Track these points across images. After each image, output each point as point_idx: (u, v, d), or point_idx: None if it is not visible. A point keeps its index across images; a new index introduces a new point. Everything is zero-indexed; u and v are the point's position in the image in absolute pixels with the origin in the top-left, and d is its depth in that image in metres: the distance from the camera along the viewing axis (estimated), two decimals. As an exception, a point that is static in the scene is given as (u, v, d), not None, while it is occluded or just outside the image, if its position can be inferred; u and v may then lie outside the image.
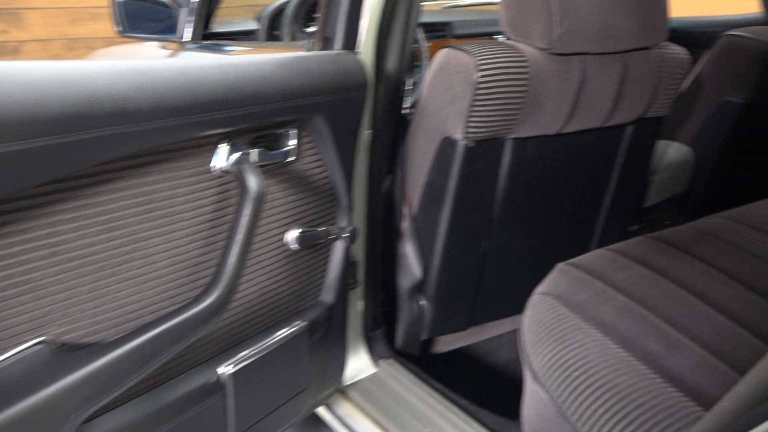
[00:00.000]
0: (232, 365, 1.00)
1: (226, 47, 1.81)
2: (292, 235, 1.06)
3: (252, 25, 2.22)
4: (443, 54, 1.21)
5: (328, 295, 1.19)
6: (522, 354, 1.08)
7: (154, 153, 0.82)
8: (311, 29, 1.14)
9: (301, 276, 1.12)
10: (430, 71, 1.24)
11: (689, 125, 1.76)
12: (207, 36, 2.02)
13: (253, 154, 0.93)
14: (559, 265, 1.20)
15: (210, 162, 0.90)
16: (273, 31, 2.11)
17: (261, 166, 0.96)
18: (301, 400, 1.18)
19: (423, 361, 1.47)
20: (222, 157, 0.90)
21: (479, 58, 1.14)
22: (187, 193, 0.88)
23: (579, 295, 1.10)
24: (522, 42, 1.20)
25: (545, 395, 0.98)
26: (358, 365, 1.39)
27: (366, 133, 1.24)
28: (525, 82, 1.16)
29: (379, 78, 1.23)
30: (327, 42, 1.13)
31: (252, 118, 0.90)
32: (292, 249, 1.08)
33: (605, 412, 0.89)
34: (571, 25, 1.13)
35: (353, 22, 1.14)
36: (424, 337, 1.41)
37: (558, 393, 0.95)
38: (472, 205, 1.29)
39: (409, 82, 1.83)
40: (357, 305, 1.35)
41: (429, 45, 1.95)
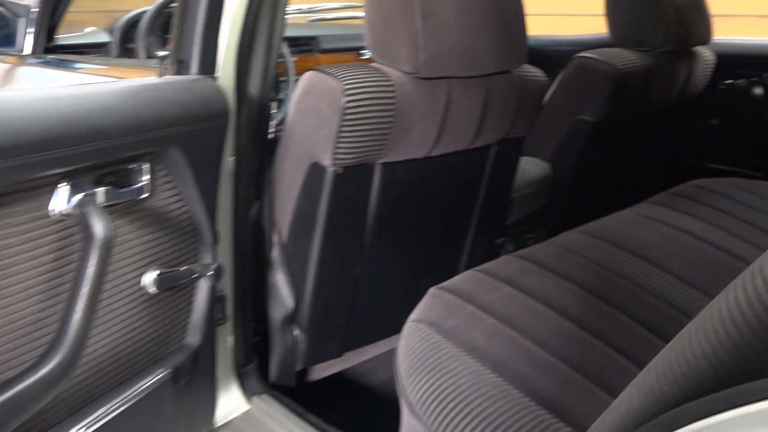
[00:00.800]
0: (85, 427, 0.91)
1: (73, 63, 1.66)
2: (149, 279, 0.97)
3: (103, 37, 2.07)
4: (309, 77, 1.17)
5: (193, 337, 1.12)
6: (398, 386, 1.07)
7: None
8: (162, 53, 1.06)
9: (163, 320, 1.04)
10: (295, 94, 1.20)
11: (547, 142, 1.84)
12: (51, 49, 1.86)
13: (99, 193, 0.85)
14: (432, 290, 1.20)
15: (48, 205, 0.80)
16: (126, 44, 1.97)
17: (109, 206, 0.88)
18: (168, 450, 1.09)
19: (298, 392, 1.42)
20: (62, 200, 0.81)
21: (346, 82, 1.12)
22: (22, 242, 0.78)
23: (451, 321, 1.10)
24: (388, 65, 1.19)
25: (422, 429, 0.97)
26: (229, 404, 1.31)
27: (229, 160, 1.18)
28: (392, 106, 1.15)
29: (242, 102, 1.17)
30: (182, 66, 1.06)
31: (95, 155, 0.81)
32: (150, 293, 0.99)
33: None
34: (436, 50, 1.14)
35: (210, 43, 1.07)
36: (299, 368, 1.37)
37: (435, 426, 0.95)
38: (343, 232, 1.26)
39: (275, 104, 1.78)
40: (227, 341, 1.28)
41: (295, 59, 1.92)
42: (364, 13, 2.29)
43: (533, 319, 1.10)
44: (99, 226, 0.80)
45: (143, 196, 0.94)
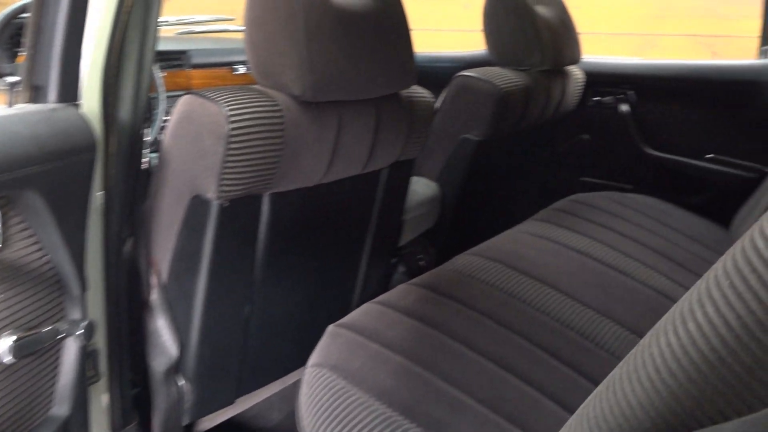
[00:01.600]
0: None
1: None
2: (3, 346, 0.82)
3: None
4: (187, 102, 1.06)
5: (61, 406, 0.96)
6: None
7: None
8: (12, 79, 0.90)
9: (23, 392, 0.89)
10: (172, 121, 1.08)
11: (434, 161, 1.83)
12: None
13: None
14: (330, 328, 1.13)
15: None
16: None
17: (-50, 266, 0.72)
18: None
19: (185, 447, 1.29)
20: None
21: (229, 107, 1.02)
22: None
23: (355, 362, 1.03)
24: (273, 88, 1.10)
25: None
26: (107, 472, 1.16)
27: (98, 195, 1.03)
28: (281, 133, 1.06)
29: (111, 131, 1.03)
30: (37, 92, 0.91)
31: None
32: (5, 363, 0.84)
33: None
34: (324, 72, 1.07)
35: (71, 65, 0.94)
36: (186, 422, 1.23)
37: None
38: (231, 269, 1.15)
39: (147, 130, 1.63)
40: (101, 401, 1.13)
41: (163, 75, 1.77)
42: (237, 27, 2.20)
43: (440, 354, 1.06)
44: None
45: None
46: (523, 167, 2.18)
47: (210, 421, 1.39)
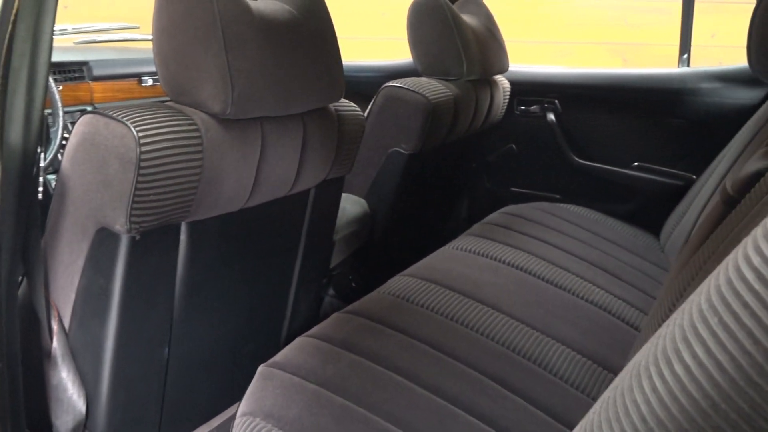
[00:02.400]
0: None
1: None
2: None
3: None
4: (88, 122, 0.92)
5: None
6: None
7: None
8: None
9: None
10: (71, 143, 0.94)
11: (363, 176, 1.74)
12: None
13: None
14: (262, 369, 1.02)
15: None
16: None
17: None
18: None
19: None
20: None
21: (140, 128, 0.89)
22: None
23: (292, 409, 0.93)
24: (189, 106, 0.98)
25: None
26: None
27: None
28: (199, 155, 0.95)
29: None
30: None
31: None
32: None
33: None
34: (247, 87, 0.96)
35: None
36: (97, 485, 1.09)
37: None
38: (145, 309, 1.02)
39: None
40: (-7, 471, 0.97)
41: (61, 89, 1.61)
42: (143, 36, 2.05)
43: (383, 392, 0.97)
44: None
45: None
46: (453, 179, 2.14)
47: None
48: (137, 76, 1.90)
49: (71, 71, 1.74)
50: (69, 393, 1.02)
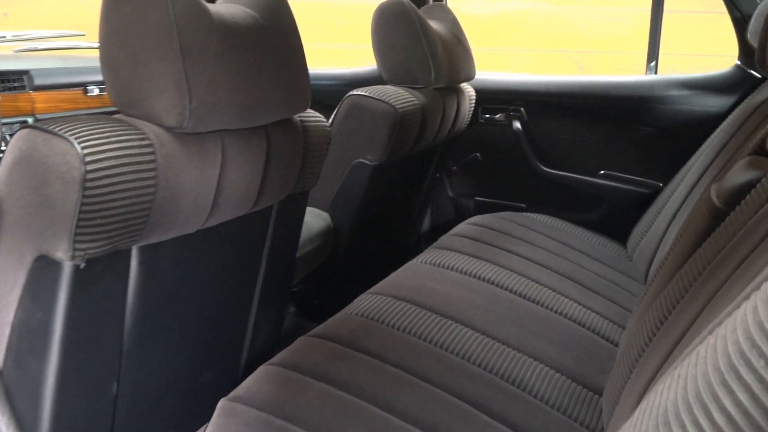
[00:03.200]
0: None
1: None
2: None
3: None
4: (24, 138, 0.82)
5: None
6: None
7: None
8: None
9: None
10: (5, 161, 0.84)
11: (326, 189, 1.67)
12: None
13: None
14: (222, 405, 0.94)
15: None
16: None
17: None
18: None
19: None
20: None
21: (84, 144, 0.80)
22: None
23: (258, 448, 0.85)
24: (141, 118, 0.89)
25: None
26: None
27: None
28: (152, 173, 0.86)
29: None
30: None
31: None
32: None
33: None
34: (206, 97, 0.88)
35: None
36: None
37: None
38: (91, 343, 0.93)
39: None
40: None
41: (-1, 98, 1.51)
42: (88, 44, 1.94)
43: (357, 425, 0.90)
44: None
45: None
46: (417, 189, 2.08)
47: None
48: (82, 85, 1.81)
49: (10, 80, 1.65)
50: (4, 438, 0.92)
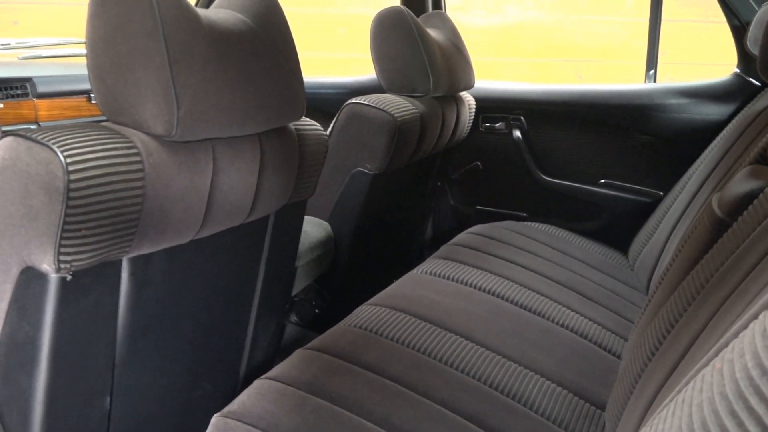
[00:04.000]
0: None
1: None
2: None
3: None
4: (7, 146, 0.80)
5: None
6: None
7: None
8: None
9: None
10: None
11: (325, 198, 1.65)
12: None
13: None
14: (216, 421, 0.92)
15: None
16: None
17: None
18: None
19: None
20: None
21: (68, 152, 0.78)
22: None
23: (251, 464, 0.83)
24: (128, 126, 0.88)
25: None
26: None
27: None
28: (140, 183, 0.84)
29: None
30: None
31: None
32: None
33: None
34: (195, 104, 0.86)
35: None
36: None
37: None
38: (82, 356, 0.91)
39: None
40: None
41: (2, 107, 1.50)
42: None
43: (354, 442, 0.88)
44: None
45: None
46: (418, 198, 2.06)
47: None
48: (86, 92, 1.80)
49: (13, 88, 1.64)
50: (-6, 455, 0.90)
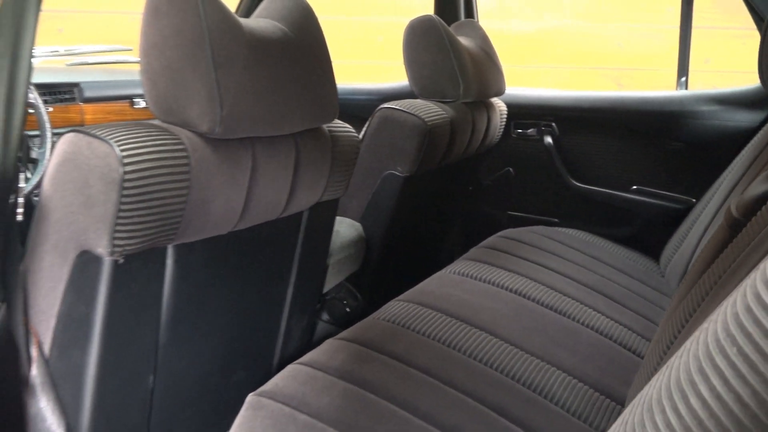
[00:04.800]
0: None
1: None
2: None
3: None
4: (69, 141, 0.89)
5: None
6: None
7: None
8: None
9: None
10: (52, 163, 0.91)
11: (357, 199, 1.71)
12: None
13: None
14: (251, 399, 0.98)
15: None
16: None
17: None
18: None
19: None
20: None
21: (123, 147, 0.86)
22: None
23: (281, 440, 0.89)
24: (176, 125, 0.95)
25: None
26: None
27: None
28: (186, 176, 0.91)
29: None
30: None
31: None
32: None
33: None
34: (236, 105, 0.93)
35: None
36: None
37: None
38: (129, 336, 0.98)
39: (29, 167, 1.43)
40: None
41: (51, 110, 1.59)
42: (135, 58, 2.03)
43: (379, 423, 0.93)
44: None
45: None
46: (449, 202, 2.11)
47: None
48: (129, 97, 1.89)
49: (62, 92, 1.73)
50: (48, 423, 0.97)
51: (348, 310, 1.75)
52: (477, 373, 1.10)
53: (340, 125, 1.25)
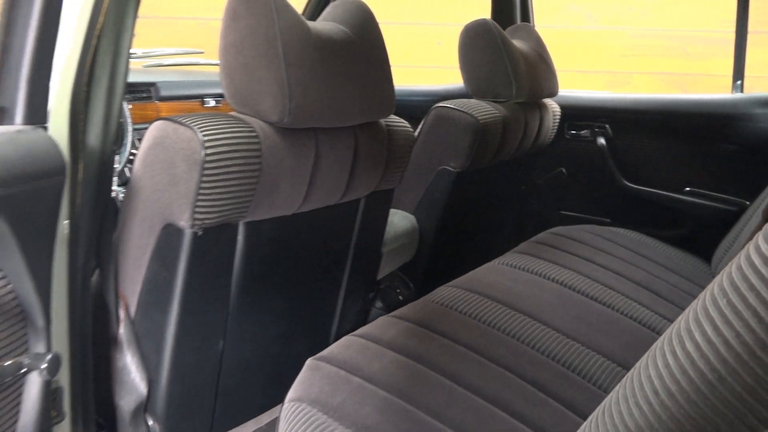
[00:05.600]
0: None
1: None
2: None
3: None
4: (159, 127, 1.02)
5: None
6: None
7: None
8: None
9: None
10: (143, 147, 1.04)
11: (412, 193, 1.80)
12: None
13: None
14: (309, 362, 1.08)
15: None
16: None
17: None
18: None
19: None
20: None
21: (204, 132, 0.98)
22: None
23: (336, 397, 0.98)
24: (249, 115, 1.07)
25: None
26: None
27: (64, 224, 0.98)
28: (258, 160, 1.03)
29: (78, 156, 0.99)
30: (3, 114, 0.87)
31: None
32: None
33: None
34: (303, 98, 1.04)
35: (39, 88, 0.90)
36: (154, 465, 1.16)
37: None
38: (204, 302, 1.10)
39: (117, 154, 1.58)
40: (63, 443, 1.05)
41: (130, 107, 1.73)
42: (206, 60, 2.17)
43: (426, 389, 1.02)
44: None
45: None
46: (501, 200, 2.17)
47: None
48: (200, 97, 2.00)
49: (140, 91, 1.84)
50: (132, 376, 1.10)
51: (401, 298, 1.85)
52: (518, 352, 1.17)
53: (396, 120, 1.35)
